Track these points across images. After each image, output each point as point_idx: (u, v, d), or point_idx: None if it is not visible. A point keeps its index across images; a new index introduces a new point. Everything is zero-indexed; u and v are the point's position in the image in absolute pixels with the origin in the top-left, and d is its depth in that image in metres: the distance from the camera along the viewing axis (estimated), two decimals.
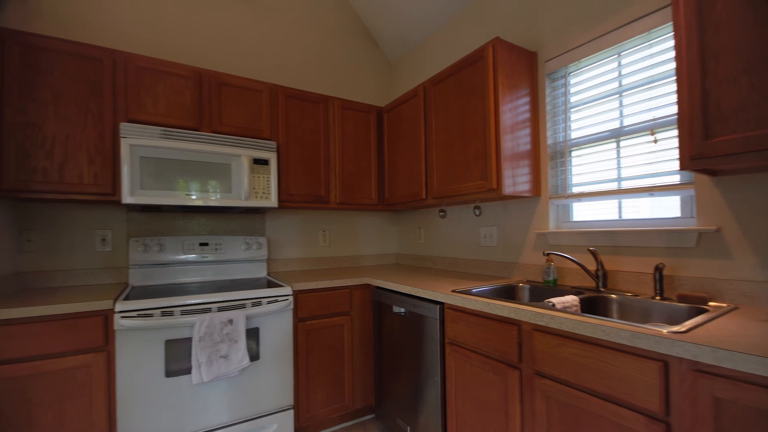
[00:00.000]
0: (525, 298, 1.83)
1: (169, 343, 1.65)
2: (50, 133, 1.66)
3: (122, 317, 1.55)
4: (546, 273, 1.76)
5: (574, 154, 1.82)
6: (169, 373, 1.64)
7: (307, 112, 2.36)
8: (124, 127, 1.73)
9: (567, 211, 1.86)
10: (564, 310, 1.24)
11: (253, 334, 1.83)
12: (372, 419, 2.27)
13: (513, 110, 1.81)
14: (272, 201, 2.10)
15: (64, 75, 1.69)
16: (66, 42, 1.70)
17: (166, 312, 1.63)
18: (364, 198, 2.59)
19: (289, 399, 1.93)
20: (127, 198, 1.72)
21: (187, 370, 1.67)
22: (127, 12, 2.13)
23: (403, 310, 1.89)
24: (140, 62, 1.85)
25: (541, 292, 1.77)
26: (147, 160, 1.77)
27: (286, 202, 2.26)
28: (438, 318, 1.64)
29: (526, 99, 1.87)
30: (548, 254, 1.67)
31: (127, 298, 1.62)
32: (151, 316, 1.60)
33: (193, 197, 1.88)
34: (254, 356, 1.83)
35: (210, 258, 2.22)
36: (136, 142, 1.74)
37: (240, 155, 2.00)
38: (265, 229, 2.53)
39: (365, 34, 3.06)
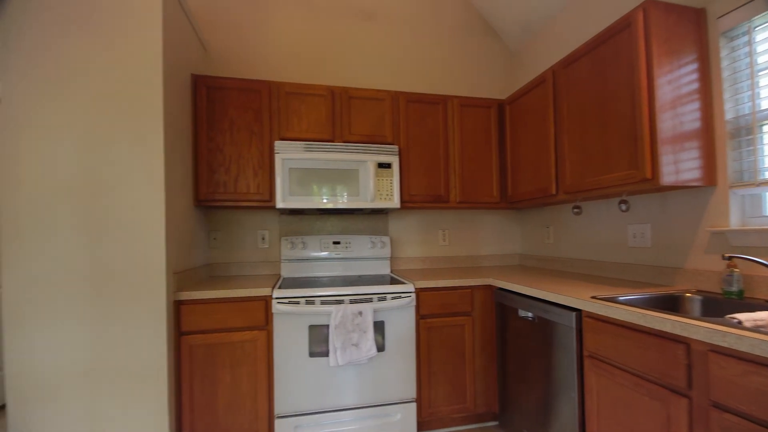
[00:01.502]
0: (695, 311, 1.49)
1: (312, 328, 1.90)
2: (228, 154, 2.11)
3: (277, 303, 1.86)
4: (726, 282, 1.39)
5: (766, 129, 1.40)
6: (312, 354, 1.89)
7: (426, 114, 2.41)
8: (278, 144, 2.09)
9: (758, 202, 1.44)
10: (756, 329, 0.96)
11: (379, 327, 1.96)
12: (495, 427, 2.17)
13: (673, 82, 1.49)
14: (395, 202, 2.21)
15: (236, 107, 2.13)
16: (236, 80, 2.13)
17: (309, 301, 1.88)
18: (485, 196, 2.50)
19: (411, 392, 2.00)
20: (279, 203, 2.07)
21: (326, 353, 1.90)
22: (276, 49, 2.55)
23: (530, 314, 1.75)
24: (288, 88, 2.19)
25: (718, 305, 1.41)
26: (294, 171, 2.09)
27: (407, 202, 2.35)
28: (574, 327, 1.47)
29: (693, 66, 1.52)
30: (730, 258, 1.32)
31: (280, 287, 1.94)
32: (297, 303, 1.87)
33: (327, 201, 2.13)
34: (380, 347, 1.96)
35: (341, 255, 2.47)
36: (286, 156, 2.08)
37: (366, 161, 2.18)
38: (388, 228, 2.68)
39: (484, 27, 2.96)
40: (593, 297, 1.44)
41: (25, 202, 1.58)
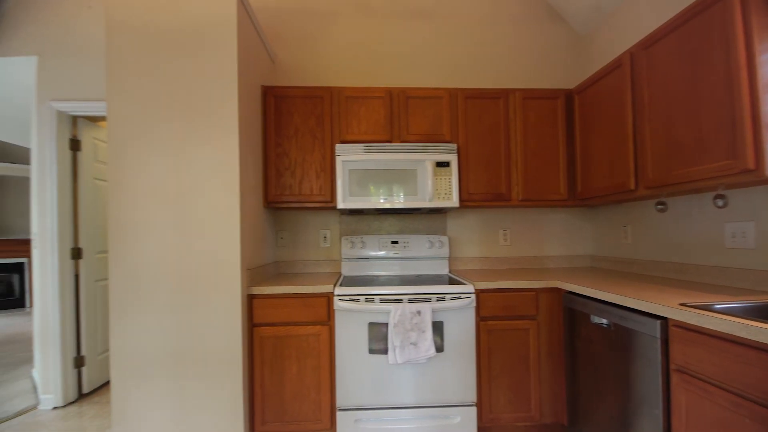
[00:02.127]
0: None
1: (371, 326, 1.94)
2: (293, 158, 2.25)
3: (339, 300, 1.93)
4: None
5: None
6: (372, 351, 1.94)
7: (486, 110, 2.34)
8: (339, 147, 2.17)
9: None
10: None
11: (437, 327, 1.95)
12: None
13: None
14: (453, 201, 2.18)
15: (300, 113, 2.26)
16: (300, 88, 2.26)
17: (369, 299, 1.93)
18: (551, 193, 2.35)
19: (471, 396, 1.95)
20: (340, 204, 2.15)
21: (385, 351, 1.93)
22: (336, 55, 2.65)
23: (605, 321, 1.61)
24: (348, 93, 2.27)
25: None
26: (353, 172, 2.16)
27: (466, 201, 2.30)
28: (659, 337, 1.33)
29: None
30: None
31: (341, 285, 2.01)
32: (357, 300, 1.93)
33: (386, 201, 2.16)
34: (439, 348, 1.94)
35: (399, 254, 2.49)
36: (346, 158, 2.15)
37: (424, 160, 2.17)
38: (446, 228, 2.65)
39: (547, 12, 2.78)
40: (682, 304, 1.29)
41: (129, 206, 1.83)
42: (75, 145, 2.67)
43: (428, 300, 1.93)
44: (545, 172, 2.35)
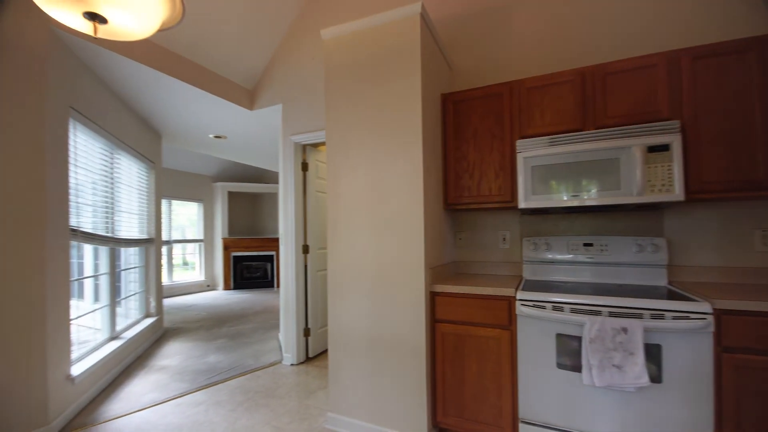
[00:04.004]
0: None
1: (560, 337, 1.74)
2: (471, 160, 2.27)
3: (521, 304, 1.82)
4: None
5: None
6: (560, 365, 1.74)
7: (725, 71, 1.75)
8: (519, 143, 2.05)
9: None
10: None
11: (652, 352, 1.58)
12: None
13: None
14: (676, 193, 1.72)
15: (478, 114, 2.26)
16: (478, 89, 2.27)
17: (557, 307, 1.74)
18: None
19: None
20: (521, 203, 2.03)
21: (577, 368, 1.70)
22: (516, 49, 2.53)
23: None
24: (528, 84, 2.13)
25: None
26: (536, 169, 2.00)
27: (698, 193, 1.77)
28: None
29: None
30: None
31: (523, 289, 1.89)
32: (543, 308, 1.77)
33: (576, 198, 1.90)
34: (654, 378, 1.57)
35: (594, 259, 2.14)
36: (528, 154, 2.02)
37: (630, 146, 1.80)
38: (662, 228, 2.11)
39: None
40: None
41: (341, 210, 2.26)
42: (304, 166, 3.51)
43: (638, 316, 1.59)
44: None
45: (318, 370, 3.22)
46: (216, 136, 4.72)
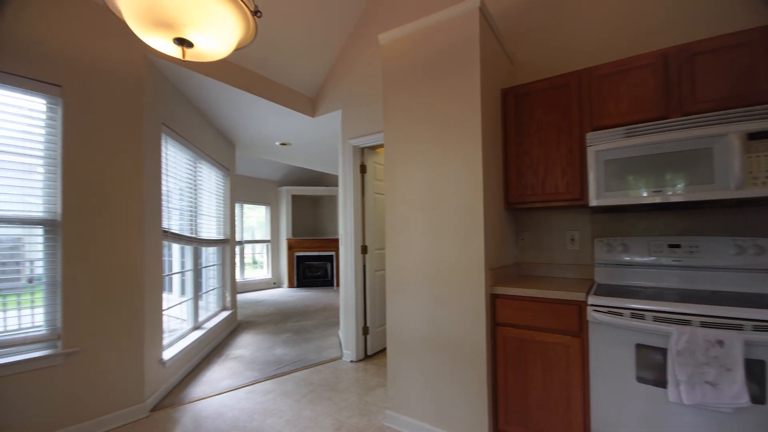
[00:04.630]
0: None
1: (640, 348, 1.59)
2: (535, 156, 2.16)
3: (594, 310, 1.69)
4: None
5: None
6: (640, 379, 1.58)
7: None
8: (590, 136, 1.90)
9: None
10: None
11: (754, 369, 1.37)
12: None
13: None
14: None
15: (542, 107, 2.14)
16: (541, 81, 2.15)
17: (636, 314, 1.58)
18: None
19: None
20: (592, 201, 1.88)
21: (661, 383, 1.53)
22: (585, 35, 2.36)
23: None
24: (600, 71, 1.96)
25: None
26: (610, 163, 1.84)
27: None
28: None
29: None
30: None
31: (595, 294, 1.75)
32: (620, 315, 1.62)
33: (659, 194, 1.71)
34: (757, 398, 1.36)
35: (681, 262, 1.91)
36: (601, 147, 1.86)
37: (726, 133, 1.57)
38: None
39: None
40: None
41: (399, 212, 2.28)
42: (363, 169, 3.60)
43: (738, 328, 1.39)
44: None
45: (376, 368, 3.28)
46: (282, 143, 5.06)
